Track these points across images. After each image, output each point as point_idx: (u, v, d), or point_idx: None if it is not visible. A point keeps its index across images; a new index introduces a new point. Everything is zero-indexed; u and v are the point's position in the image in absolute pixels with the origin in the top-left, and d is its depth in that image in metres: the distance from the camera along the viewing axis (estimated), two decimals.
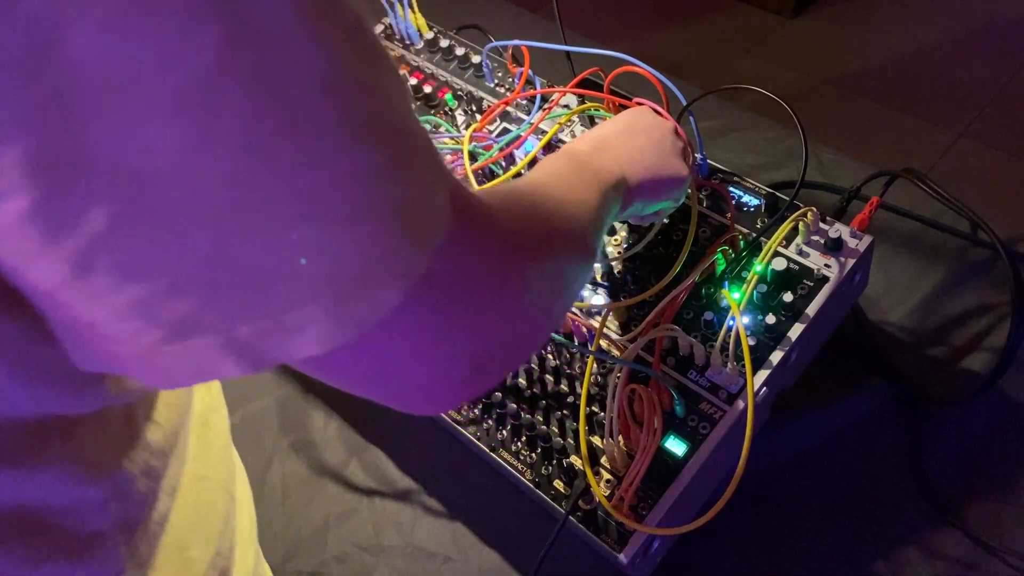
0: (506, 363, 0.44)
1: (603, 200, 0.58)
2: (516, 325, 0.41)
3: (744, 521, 0.73)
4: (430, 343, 0.36)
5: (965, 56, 2.22)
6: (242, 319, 0.30)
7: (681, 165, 0.69)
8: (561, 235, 0.49)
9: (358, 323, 0.32)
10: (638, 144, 0.67)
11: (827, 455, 0.77)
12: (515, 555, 0.75)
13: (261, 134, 0.28)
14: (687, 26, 2.47)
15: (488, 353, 0.40)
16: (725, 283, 0.73)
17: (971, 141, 2.02)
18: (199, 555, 0.51)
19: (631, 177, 0.64)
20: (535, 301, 0.43)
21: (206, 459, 0.54)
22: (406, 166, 0.32)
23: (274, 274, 0.30)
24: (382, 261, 0.32)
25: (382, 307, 0.32)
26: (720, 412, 0.68)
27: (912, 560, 0.70)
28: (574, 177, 0.58)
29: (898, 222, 0.91)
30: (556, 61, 0.93)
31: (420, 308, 0.34)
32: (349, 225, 0.30)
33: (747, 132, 1.05)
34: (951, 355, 0.82)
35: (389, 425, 0.85)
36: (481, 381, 0.42)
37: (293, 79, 0.29)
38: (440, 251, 0.34)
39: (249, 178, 0.28)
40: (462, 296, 0.37)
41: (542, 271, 0.44)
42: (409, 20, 0.98)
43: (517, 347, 0.44)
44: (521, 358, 0.48)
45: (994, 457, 0.75)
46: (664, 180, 0.67)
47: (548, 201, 0.51)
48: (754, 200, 0.78)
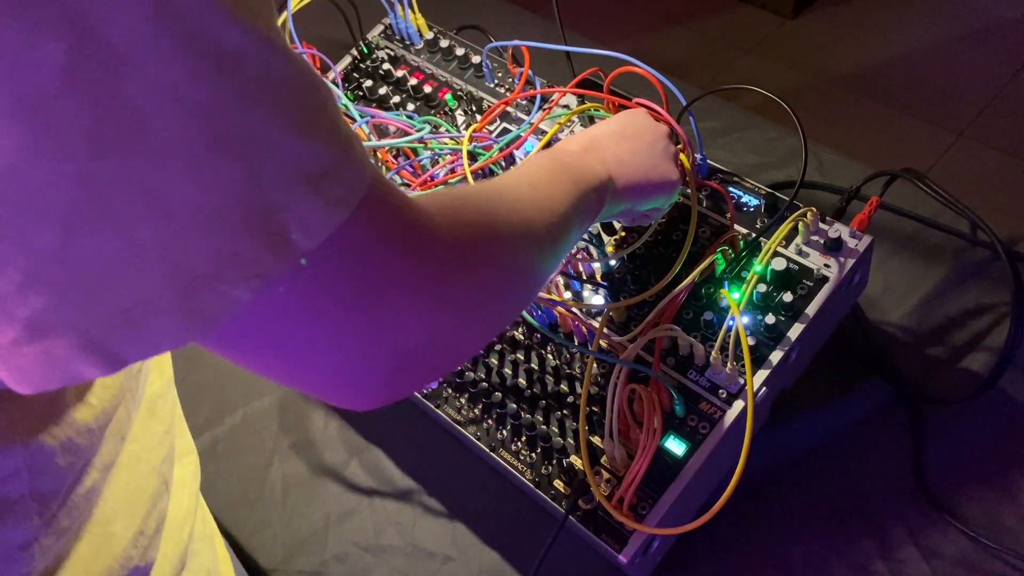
0: (439, 362, 0.45)
1: (578, 201, 0.58)
2: (438, 325, 0.42)
3: (744, 521, 0.73)
4: (326, 335, 0.38)
5: (965, 56, 2.22)
6: (92, 316, 0.32)
7: (671, 169, 0.70)
8: (510, 239, 0.49)
9: (208, 319, 0.33)
10: (629, 147, 0.67)
11: (827, 455, 0.77)
12: (515, 555, 0.75)
13: (107, 140, 0.29)
14: (687, 26, 2.47)
15: (410, 350, 0.41)
16: (725, 283, 0.73)
17: (971, 141, 2.02)
18: (122, 531, 0.52)
19: (618, 178, 0.64)
20: (466, 303, 0.44)
21: (145, 441, 0.56)
22: (267, 178, 0.33)
23: (121, 271, 0.31)
24: (230, 263, 0.33)
25: (233, 305, 0.33)
26: (720, 412, 0.68)
27: (912, 560, 0.70)
28: (547, 178, 0.58)
29: (898, 222, 0.91)
30: (556, 61, 0.93)
31: (300, 300, 0.36)
32: (194, 229, 0.31)
33: (747, 132, 1.05)
34: (951, 355, 0.82)
35: (389, 425, 0.85)
36: (410, 377, 0.43)
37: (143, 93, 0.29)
38: (332, 247, 0.35)
39: (94, 180, 0.29)
40: (355, 292, 0.37)
41: (477, 275, 0.45)
42: (409, 20, 0.98)
43: (448, 347, 0.44)
44: (458, 357, 0.48)
45: (994, 457, 0.75)
46: (653, 183, 0.68)
47: (502, 204, 0.51)
48: (754, 200, 0.78)
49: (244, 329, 0.36)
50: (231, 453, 0.87)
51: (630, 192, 0.65)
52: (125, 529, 0.53)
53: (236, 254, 0.33)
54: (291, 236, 0.34)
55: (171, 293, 0.32)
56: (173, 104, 0.30)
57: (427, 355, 0.42)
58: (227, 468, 0.86)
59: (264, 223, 0.33)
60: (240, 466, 0.86)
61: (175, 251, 0.31)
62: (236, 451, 0.87)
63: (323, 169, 0.34)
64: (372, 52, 1.00)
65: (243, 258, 0.33)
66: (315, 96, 0.35)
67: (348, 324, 0.38)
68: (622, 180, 0.64)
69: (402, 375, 0.42)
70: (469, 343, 0.48)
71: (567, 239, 0.57)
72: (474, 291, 0.45)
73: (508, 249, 0.49)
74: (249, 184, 0.32)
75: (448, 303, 0.42)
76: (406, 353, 0.41)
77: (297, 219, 0.34)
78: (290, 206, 0.33)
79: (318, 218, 0.34)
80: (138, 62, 0.29)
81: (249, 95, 0.32)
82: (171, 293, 0.32)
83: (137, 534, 0.53)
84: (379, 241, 0.38)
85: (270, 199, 0.33)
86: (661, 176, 0.68)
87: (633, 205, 0.68)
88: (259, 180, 0.32)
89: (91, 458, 0.48)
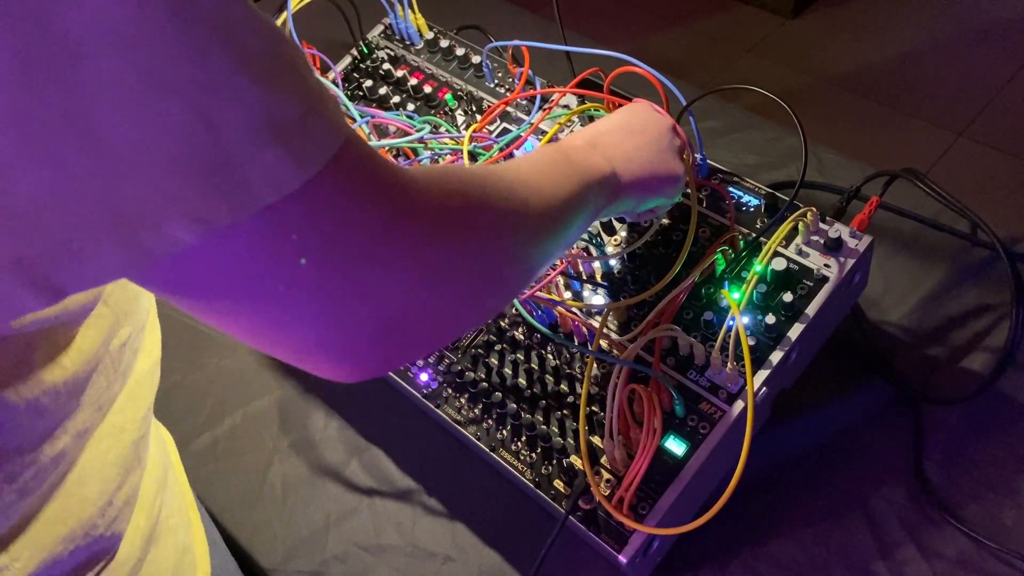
0: (422, 335, 0.44)
1: (581, 193, 0.57)
2: (420, 293, 0.41)
3: (744, 521, 0.73)
4: (292, 293, 0.37)
5: (965, 56, 2.22)
6: (29, 246, 0.32)
7: (677, 163, 0.69)
8: (502, 214, 0.48)
9: (145, 255, 0.34)
10: (634, 142, 0.67)
11: (827, 455, 0.77)
12: (515, 555, 0.75)
13: (38, 72, 0.29)
14: (687, 26, 2.47)
15: (388, 317, 0.40)
16: (725, 283, 0.73)
17: (971, 141, 2.02)
18: (93, 499, 0.53)
19: (623, 174, 0.64)
20: (450, 272, 0.43)
21: (129, 415, 0.56)
22: (224, 124, 0.33)
23: (56, 202, 0.31)
24: (171, 203, 0.33)
25: (172, 245, 0.34)
26: (720, 412, 0.68)
27: (912, 560, 0.70)
28: (549, 168, 0.57)
29: (898, 222, 0.91)
30: (556, 61, 0.93)
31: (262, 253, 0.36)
32: (135, 167, 0.32)
33: (747, 132, 1.05)
34: (951, 355, 0.82)
35: (389, 425, 0.85)
36: (391, 349, 0.42)
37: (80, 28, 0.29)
38: (299, 201, 0.35)
39: (24, 111, 0.30)
40: (325, 250, 0.37)
41: (465, 244, 0.44)
42: (409, 20, 0.98)
43: (431, 319, 0.43)
44: (443, 332, 0.46)
45: (994, 457, 0.75)
46: (658, 178, 0.67)
47: (499, 183, 0.50)
48: (754, 200, 0.78)
49: (191, 273, 0.36)
50: (231, 453, 0.87)
51: (635, 187, 0.65)
52: (97, 497, 0.53)
53: (178, 196, 0.32)
54: (251, 186, 0.34)
55: (109, 226, 0.32)
56: (114, 41, 0.30)
57: (409, 325, 0.42)
58: (227, 468, 0.86)
59: (216, 169, 0.33)
60: (240, 466, 0.86)
61: (113, 186, 0.32)
62: (236, 451, 0.87)
63: (289, 121, 0.34)
64: (372, 52, 1.00)
65: (187, 201, 0.33)
66: (281, 51, 0.35)
67: (317, 284, 0.37)
68: (628, 175, 0.64)
69: (381, 345, 0.41)
70: (455, 318, 0.46)
71: (567, 228, 0.56)
72: (460, 260, 0.44)
73: (499, 224, 0.48)
74: (199, 128, 0.32)
75: (431, 269, 0.41)
76: (384, 320, 0.40)
77: (259, 170, 0.34)
78: (252, 156, 0.33)
79: (283, 171, 0.34)
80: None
81: (206, 40, 0.32)
82: (109, 226, 0.32)
83: (106, 504, 0.54)
84: (353, 199, 0.38)
85: (226, 146, 0.33)
86: (667, 171, 0.68)
87: (639, 200, 0.68)
88: (212, 125, 0.32)
89: (63, 422, 0.48)
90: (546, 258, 0.57)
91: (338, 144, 0.36)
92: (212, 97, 0.32)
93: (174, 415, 0.89)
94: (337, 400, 0.88)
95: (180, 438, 0.82)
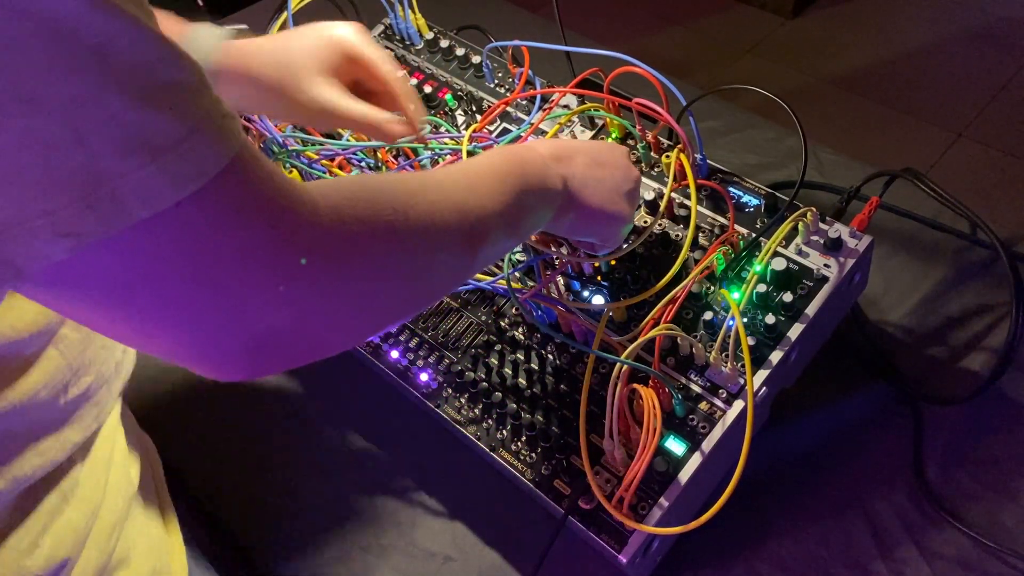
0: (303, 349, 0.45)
1: (519, 204, 0.57)
2: (299, 313, 0.42)
3: (744, 521, 0.73)
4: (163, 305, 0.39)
5: (965, 56, 2.22)
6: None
7: (628, 210, 0.69)
8: (409, 241, 0.48)
9: (16, 270, 0.35)
10: (598, 173, 0.67)
11: (827, 455, 0.77)
12: (515, 555, 0.75)
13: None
14: (687, 26, 2.47)
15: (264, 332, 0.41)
16: (725, 283, 0.73)
17: (971, 141, 2.02)
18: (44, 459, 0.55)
19: (575, 197, 0.64)
20: (335, 296, 0.43)
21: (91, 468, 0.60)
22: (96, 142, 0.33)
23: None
24: (40, 218, 0.34)
25: (42, 258, 0.35)
26: (720, 412, 0.68)
27: (912, 560, 0.70)
28: (493, 179, 0.57)
29: (897, 222, 0.91)
30: (556, 61, 0.93)
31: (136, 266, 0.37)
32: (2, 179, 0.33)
33: (747, 132, 1.05)
34: (951, 355, 0.82)
35: (389, 425, 0.85)
36: (269, 359, 0.43)
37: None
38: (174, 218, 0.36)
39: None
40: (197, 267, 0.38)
41: (353, 272, 0.44)
42: (409, 20, 0.98)
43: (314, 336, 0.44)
44: (328, 347, 0.47)
45: (994, 457, 0.75)
46: (605, 215, 0.67)
47: (418, 203, 0.49)
48: (754, 200, 0.78)
49: (63, 284, 0.37)
50: (231, 454, 0.87)
51: (579, 215, 0.65)
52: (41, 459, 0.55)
53: (49, 211, 0.33)
54: (123, 203, 0.34)
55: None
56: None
57: (287, 340, 0.42)
58: (227, 469, 0.86)
59: (87, 185, 0.33)
60: (240, 467, 0.86)
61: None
62: (236, 452, 0.87)
63: (165, 140, 0.35)
64: None
65: (56, 215, 0.33)
66: (164, 71, 0.36)
67: (187, 300, 0.39)
68: (577, 200, 0.64)
69: (258, 356, 0.42)
70: (342, 336, 0.47)
71: (493, 245, 0.56)
72: (347, 287, 0.44)
73: (402, 251, 0.48)
74: (69, 144, 0.33)
75: (312, 294, 0.42)
76: (259, 335, 0.41)
77: (133, 187, 0.34)
78: (124, 173, 0.34)
79: (158, 189, 0.35)
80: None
81: (79, 57, 0.33)
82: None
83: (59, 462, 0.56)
84: (230, 220, 0.38)
85: (98, 163, 0.33)
86: (616, 211, 0.68)
87: (574, 226, 0.67)
88: (83, 142, 0.33)
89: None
90: (463, 275, 0.57)
91: (220, 165, 0.37)
92: (83, 114, 0.33)
93: (163, 411, 0.89)
94: (337, 400, 0.88)
95: (169, 437, 0.82)
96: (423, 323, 0.82)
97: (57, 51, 0.32)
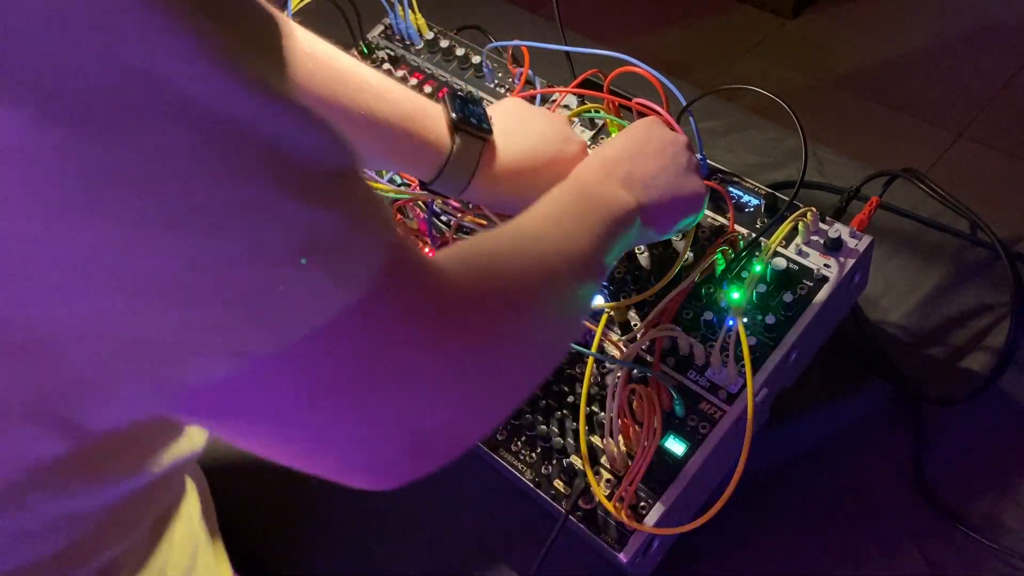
0: (470, 433, 0.43)
1: (607, 236, 0.55)
2: (464, 400, 0.39)
3: (744, 521, 0.73)
4: (335, 415, 0.35)
5: (965, 56, 2.22)
6: (47, 386, 0.30)
7: (698, 182, 0.67)
8: (535, 301, 0.46)
9: (178, 389, 0.32)
10: (651, 167, 0.63)
11: (827, 455, 0.77)
12: (515, 555, 0.75)
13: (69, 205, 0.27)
14: (687, 26, 2.47)
15: (434, 428, 0.38)
16: (725, 283, 0.73)
17: (971, 141, 2.02)
18: None
19: (647, 204, 0.61)
20: (493, 375, 0.41)
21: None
22: (261, 251, 0.30)
23: (80, 338, 0.29)
24: (204, 334, 0.31)
25: (207, 377, 0.32)
26: (720, 412, 0.68)
27: (912, 560, 0.70)
28: (571, 215, 0.55)
29: (897, 222, 0.91)
30: (556, 61, 0.93)
31: (301, 379, 0.33)
32: (163, 298, 0.29)
33: (747, 132, 1.05)
34: (951, 355, 0.82)
35: None
36: (437, 454, 0.41)
37: (118, 159, 0.27)
38: (341, 326, 0.33)
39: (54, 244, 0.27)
40: (369, 373, 0.35)
41: (503, 349, 0.42)
42: (409, 20, 0.98)
43: (477, 418, 0.42)
44: (490, 424, 0.45)
45: (994, 457, 0.75)
46: (682, 201, 0.65)
47: (526, 259, 0.48)
48: (754, 200, 0.78)
49: (224, 403, 0.34)
50: (231, 454, 0.87)
51: (660, 216, 0.63)
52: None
53: (214, 328, 0.30)
54: (292, 314, 0.31)
55: (138, 362, 0.30)
56: (161, 169, 0.27)
57: (456, 430, 0.40)
58: (227, 469, 0.86)
59: (255, 299, 0.30)
60: (241, 468, 0.86)
61: (144, 321, 0.29)
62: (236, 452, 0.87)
63: (330, 240, 0.31)
64: (372, 52, 1.00)
65: (223, 333, 0.30)
66: (330, 159, 0.32)
67: (360, 409, 0.35)
68: (651, 204, 0.61)
69: (422, 455, 0.40)
70: (500, 408, 0.45)
71: (597, 280, 0.54)
72: (501, 364, 0.42)
73: (533, 314, 0.45)
74: (236, 258, 0.29)
75: (476, 382, 0.40)
76: (429, 432, 0.38)
77: (305, 295, 0.31)
78: (294, 282, 0.30)
79: (326, 295, 0.32)
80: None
81: (250, 165, 0.29)
82: (138, 362, 0.30)
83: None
84: (399, 319, 0.35)
85: (267, 273, 0.30)
86: (691, 191, 0.65)
87: (664, 229, 0.65)
88: (252, 253, 0.30)
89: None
90: (582, 314, 0.55)
91: (384, 259, 0.34)
92: (256, 223, 0.29)
93: None
94: None
95: None
96: None
97: (229, 159, 0.28)
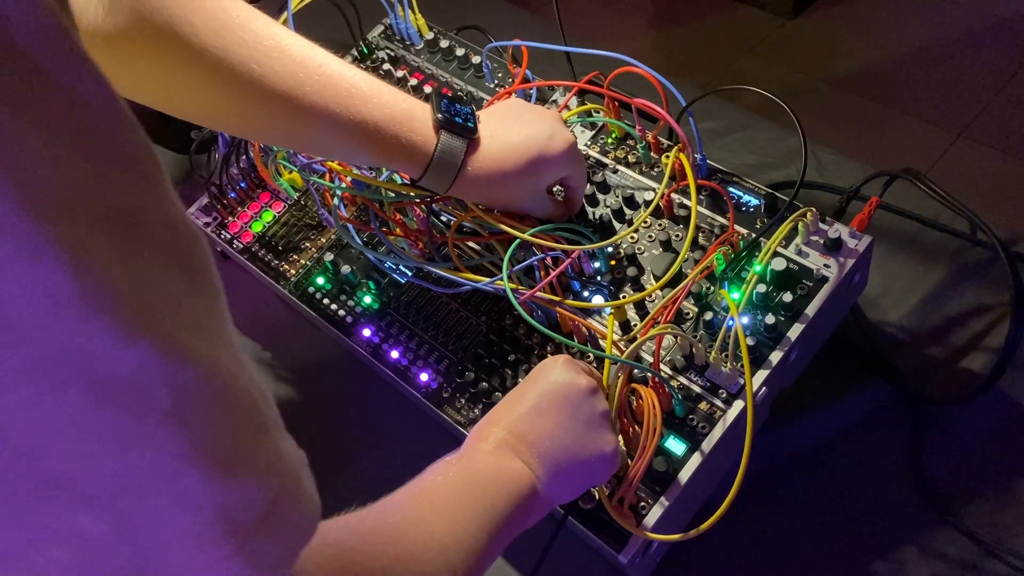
0: None
1: (499, 522, 0.53)
2: None
3: (744, 521, 0.73)
4: None
5: (965, 56, 2.22)
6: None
7: (606, 437, 0.61)
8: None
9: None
10: (549, 423, 0.59)
11: (827, 455, 0.77)
12: (515, 555, 0.75)
13: None
14: (687, 26, 2.46)
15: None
16: (725, 283, 0.73)
17: (970, 141, 2.02)
18: None
19: (547, 465, 0.58)
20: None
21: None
22: (153, 534, 0.26)
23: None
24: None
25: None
26: (720, 412, 0.68)
27: (912, 560, 0.70)
28: (461, 510, 0.52)
29: (897, 222, 0.91)
30: (556, 61, 0.93)
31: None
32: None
33: (747, 132, 1.05)
34: (951, 355, 0.82)
35: (389, 425, 0.85)
36: None
37: None
38: None
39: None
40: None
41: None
42: (409, 20, 0.98)
43: None
44: None
45: (994, 457, 0.75)
46: (585, 463, 0.60)
47: (396, 549, 0.46)
48: (754, 200, 0.78)
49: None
50: None
51: (558, 484, 0.59)
52: None
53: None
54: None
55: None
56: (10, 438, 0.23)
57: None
58: None
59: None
60: None
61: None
62: None
63: (249, 520, 0.28)
64: (372, 52, 1.00)
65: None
66: (255, 411, 0.28)
67: None
68: (550, 464, 0.58)
69: None
70: None
71: (485, 562, 0.52)
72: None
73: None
74: (120, 541, 0.25)
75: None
76: None
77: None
78: (197, 570, 0.26)
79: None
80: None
81: (151, 428, 0.25)
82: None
83: None
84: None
85: (158, 558, 0.25)
86: (594, 451, 0.60)
87: (569, 491, 0.62)
88: (141, 535, 0.25)
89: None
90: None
91: (307, 539, 0.31)
92: (149, 499, 0.25)
93: None
94: (337, 400, 0.88)
95: None
96: (423, 323, 0.82)
97: (127, 421, 0.24)
